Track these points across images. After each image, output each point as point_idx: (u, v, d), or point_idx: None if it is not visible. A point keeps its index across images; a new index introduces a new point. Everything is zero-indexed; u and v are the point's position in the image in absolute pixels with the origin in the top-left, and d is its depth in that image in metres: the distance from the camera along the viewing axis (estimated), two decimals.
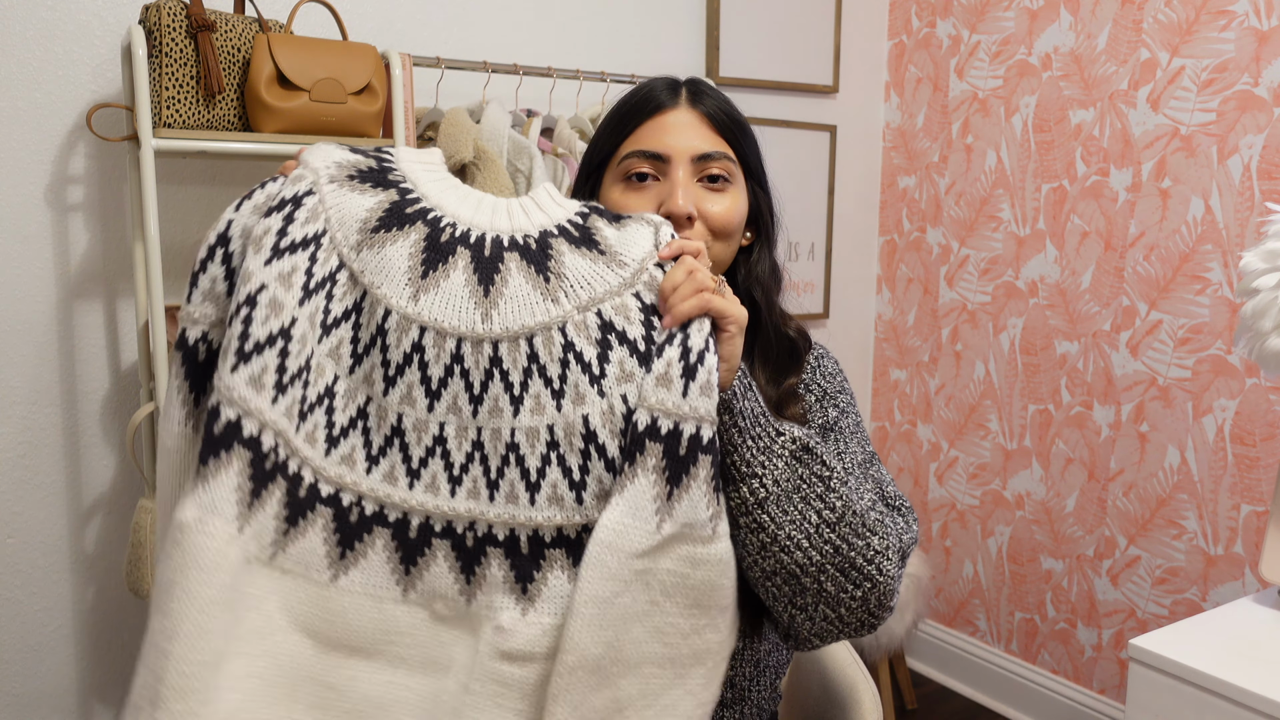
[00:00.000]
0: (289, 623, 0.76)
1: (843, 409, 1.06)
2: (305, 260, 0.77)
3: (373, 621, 0.79)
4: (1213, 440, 1.94)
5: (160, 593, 0.70)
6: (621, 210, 0.97)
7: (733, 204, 0.99)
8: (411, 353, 0.80)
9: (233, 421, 0.71)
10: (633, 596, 0.77)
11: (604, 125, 1.03)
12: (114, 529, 1.71)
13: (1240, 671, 1.18)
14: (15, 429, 1.61)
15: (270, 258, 0.75)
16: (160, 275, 1.40)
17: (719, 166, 0.98)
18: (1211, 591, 1.96)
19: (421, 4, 1.90)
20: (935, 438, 2.55)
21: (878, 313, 2.71)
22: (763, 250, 1.05)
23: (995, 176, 2.34)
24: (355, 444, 0.80)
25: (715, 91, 1.02)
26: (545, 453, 0.79)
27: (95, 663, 1.72)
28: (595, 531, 0.75)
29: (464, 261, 0.81)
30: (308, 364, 0.78)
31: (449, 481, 0.80)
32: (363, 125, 1.53)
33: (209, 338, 0.78)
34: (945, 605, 2.56)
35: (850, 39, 2.53)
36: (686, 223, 0.96)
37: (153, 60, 1.41)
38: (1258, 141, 1.84)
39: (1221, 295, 1.91)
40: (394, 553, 0.79)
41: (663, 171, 0.98)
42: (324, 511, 0.78)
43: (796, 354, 1.05)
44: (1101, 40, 2.08)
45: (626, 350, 0.80)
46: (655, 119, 0.99)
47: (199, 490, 0.70)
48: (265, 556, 0.75)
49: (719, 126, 1.00)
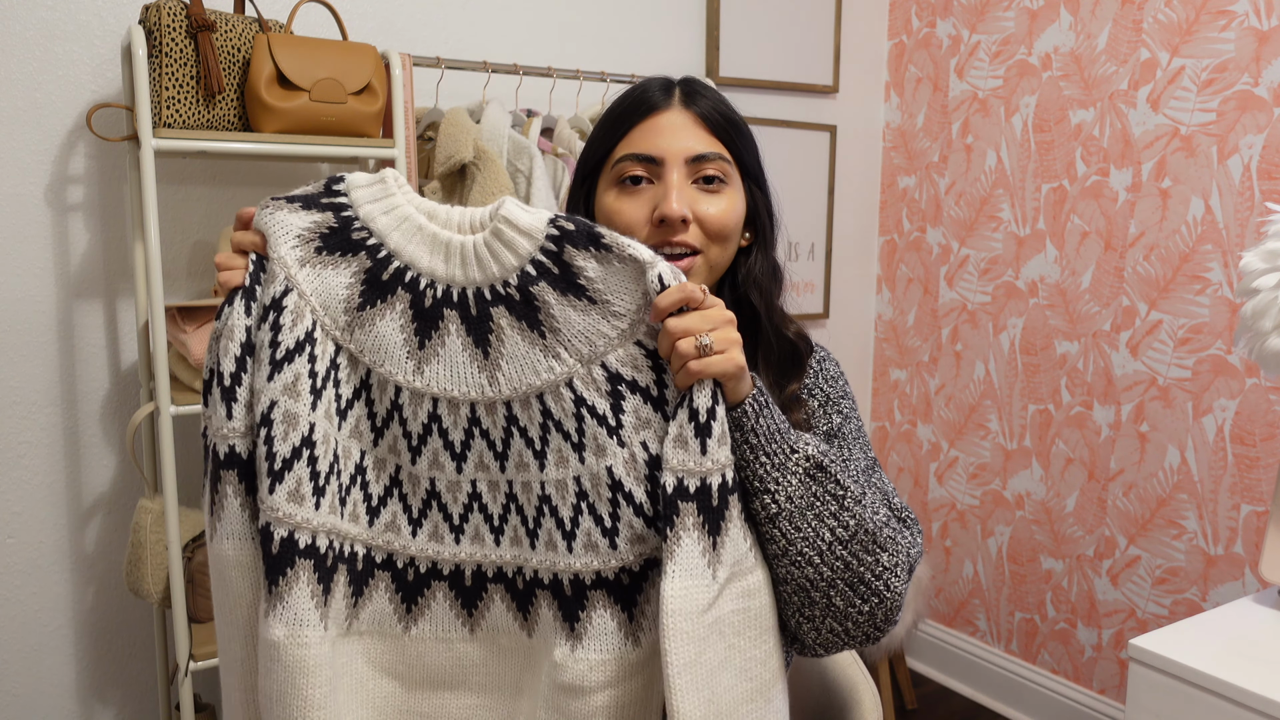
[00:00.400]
0: (376, 672, 0.86)
1: (845, 415, 1.06)
2: (305, 364, 0.79)
3: (448, 660, 0.87)
4: (1213, 440, 1.94)
5: (273, 703, 0.78)
6: (614, 216, 0.96)
7: (729, 205, 0.98)
8: (429, 422, 0.82)
9: (286, 538, 0.78)
10: (713, 649, 0.79)
11: (598, 128, 1.02)
12: (114, 529, 1.71)
13: (1240, 671, 1.17)
14: (15, 429, 1.61)
15: (271, 372, 0.78)
16: (160, 275, 1.40)
17: (714, 168, 0.97)
18: (1211, 591, 1.96)
19: (421, 4, 1.90)
20: (935, 438, 2.55)
21: (878, 313, 2.71)
22: (761, 251, 1.04)
23: (995, 176, 2.34)
24: (395, 510, 0.85)
25: (710, 91, 1.01)
26: (576, 503, 0.81)
27: (95, 663, 1.72)
28: (663, 603, 0.76)
29: (455, 325, 0.81)
30: (335, 455, 0.81)
31: (491, 532, 0.84)
32: (363, 125, 1.53)
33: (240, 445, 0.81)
34: (945, 605, 2.56)
35: (850, 39, 2.53)
36: (681, 225, 0.95)
37: (153, 60, 1.41)
38: (1258, 141, 1.84)
39: (1221, 295, 1.91)
40: (454, 600, 0.86)
41: (656, 174, 0.97)
42: (383, 576, 0.85)
43: (798, 357, 1.05)
44: (1101, 40, 2.08)
45: (640, 398, 0.81)
46: (648, 120, 0.98)
47: (279, 609, 0.78)
48: (344, 629, 0.83)
49: (713, 127, 0.98)
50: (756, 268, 1.03)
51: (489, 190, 1.62)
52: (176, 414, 1.42)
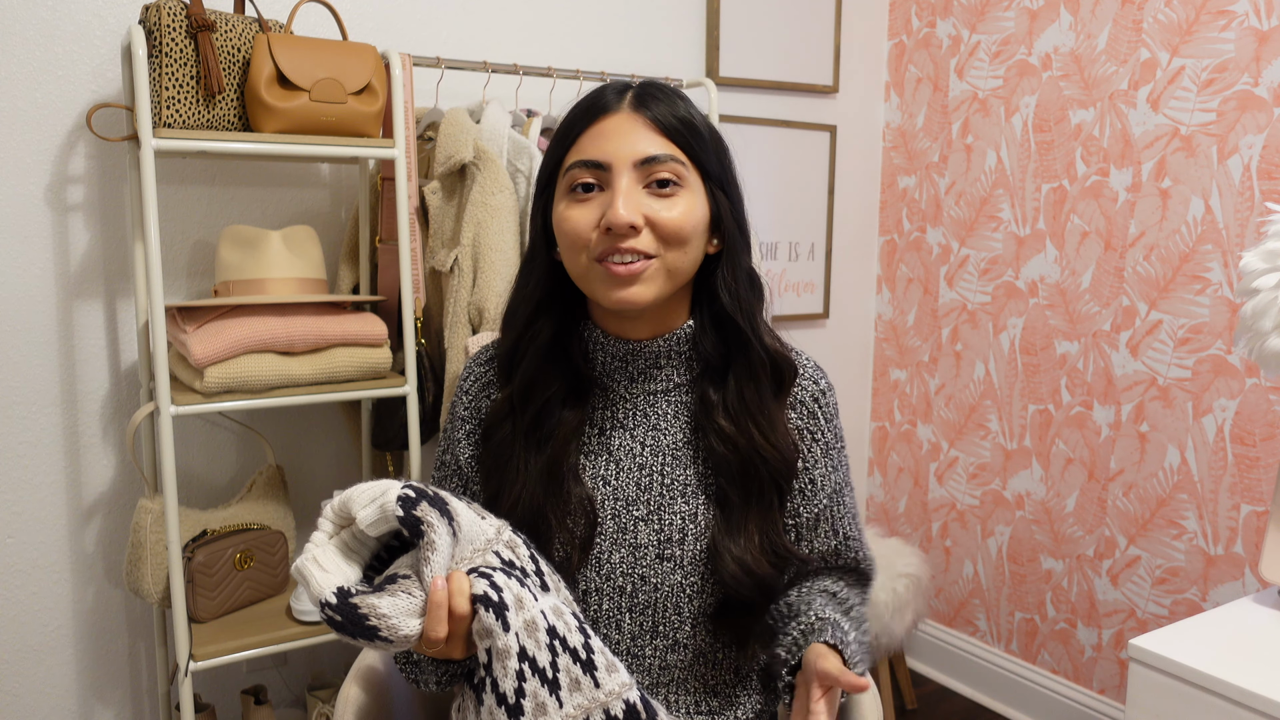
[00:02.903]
0: None
1: (836, 463, 1.09)
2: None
3: None
4: (1213, 440, 1.94)
5: None
6: (563, 225, 0.96)
7: (686, 208, 0.95)
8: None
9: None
10: None
11: (553, 136, 1.01)
12: (114, 529, 1.71)
13: (1240, 671, 1.17)
14: (15, 429, 1.61)
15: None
16: (160, 275, 1.40)
17: (666, 170, 0.94)
18: (1211, 591, 1.97)
19: (421, 4, 1.90)
20: (935, 438, 2.55)
21: (878, 313, 2.71)
22: (729, 261, 1.00)
23: (995, 176, 2.33)
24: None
25: (668, 94, 0.98)
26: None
27: (95, 663, 1.72)
28: None
29: None
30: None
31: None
32: (362, 125, 1.53)
33: None
34: (945, 605, 2.56)
35: (850, 39, 2.53)
36: (630, 232, 0.92)
37: (153, 60, 1.41)
38: (1258, 141, 1.84)
39: (1221, 295, 1.91)
40: None
41: (606, 180, 0.94)
42: None
43: (780, 376, 1.03)
44: (1101, 40, 2.08)
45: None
46: (595, 125, 0.96)
47: None
48: None
49: (665, 129, 0.95)
50: (733, 282, 1.00)
51: (489, 190, 1.62)
52: (176, 414, 1.42)
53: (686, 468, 1.02)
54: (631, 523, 1.01)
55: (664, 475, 1.02)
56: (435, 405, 1.68)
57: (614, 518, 1.01)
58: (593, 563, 1.01)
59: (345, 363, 1.56)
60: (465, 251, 1.62)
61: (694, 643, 1.03)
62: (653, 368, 1.04)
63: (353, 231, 1.78)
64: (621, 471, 1.03)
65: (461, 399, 1.11)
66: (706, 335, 1.03)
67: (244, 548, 1.58)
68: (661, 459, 1.03)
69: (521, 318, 1.04)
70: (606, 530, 1.01)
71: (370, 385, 1.59)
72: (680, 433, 1.04)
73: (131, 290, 1.67)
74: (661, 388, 1.05)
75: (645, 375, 1.04)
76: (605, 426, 1.05)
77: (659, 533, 1.00)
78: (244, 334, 1.46)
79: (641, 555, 1.00)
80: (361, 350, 1.58)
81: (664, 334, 1.03)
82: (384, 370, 1.62)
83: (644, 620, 1.01)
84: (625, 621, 1.01)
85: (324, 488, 1.89)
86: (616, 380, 1.05)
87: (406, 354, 1.62)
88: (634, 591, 1.00)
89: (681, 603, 1.00)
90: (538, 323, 1.03)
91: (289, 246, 1.55)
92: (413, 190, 1.64)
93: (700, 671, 1.04)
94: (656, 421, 1.04)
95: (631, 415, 1.04)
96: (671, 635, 1.02)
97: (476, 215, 1.62)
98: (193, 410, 1.44)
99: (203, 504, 1.77)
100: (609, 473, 1.03)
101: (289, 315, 1.51)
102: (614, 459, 1.03)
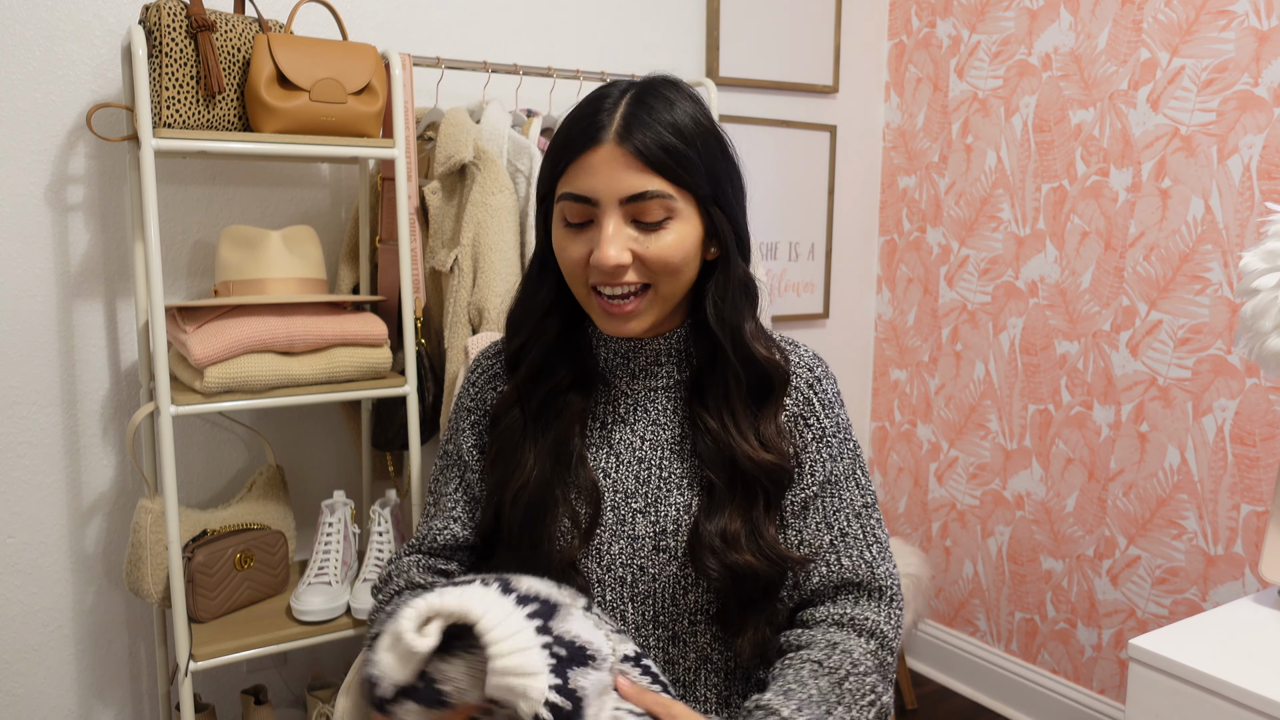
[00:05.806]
0: None
1: (835, 455, 1.06)
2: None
3: None
4: (1213, 440, 1.94)
5: None
6: (560, 253, 0.98)
7: (676, 240, 0.96)
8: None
9: None
10: None
11: (547, 152, 1.01)
12: (114, 529, 1.71)
13: (1240, 671, 1.17)
14: (15, 429, 1.61)
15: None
16: (160, 275, 1.40)
17: (654, 209, 0.94)
18: (1211, 591, 1.96)
19: (421, 4, 1.90)
20: (935, 438, 2.55)
21: (878, 313, 2.71)
22: (723, 271, 1.01)
23: (995, 176, 2.33)
24: None
25: (659, 110, 0.95)
26: None
27: (95, 663, 1.72)
28: None
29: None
30: None
31: None
32: (362, 125, 1.53)
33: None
34: (945, 605, 2.56)
35: (850, 39, 2.53)
36: (619, 270, 0.94)
37: (153, 60, 1.41)
38: (1258, 141, 1.84)
39: (1221, 295, 1.91)
40: None
41: (593, 215, 0.95)
42: None
43: (769, 386, 1.03)
44: (1101, 40, 2.08)
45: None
46: (582, 159, 0.95)
47: None
48: None
49: (651, 162, 0.93)
50: (721, 297, 1.01)
51: (489, 190, 1.62)
52: (176, 414, 1.42)
53: (683, 461, 1.05)
54: (630, 515, 1.03)
55: (661, 469, 1.04)
56: (435, 405, 1.68)
57: (614, 509, 1.04)
58: (594, 554, 1.03)
59: (345, 363, 1.56)
60: (465, 251, 1.62)
61: (695, 641, 1.04)
62: (653, 364, 1.07)
63: (353, 231, 1.78)
64: (622, 465, 1.05)
65: (468, 390, 1.15)
66: (695, 340, 1.07)
67: (244, 548, 1.58)
68: (660, 453, 1.05)
69: (531, 323, 1.07)
70: (607, 522, 1.03)
71: (370, 385, 1.59)
72: (678, 427, 1.06)
73: (131, 290, 1.67)
74: (662, 384, 1.08)
75: (646, 372, 1.08)
76: (607, 420, 1.08)
77: (655, 524, 1.02)
78: (244, 334, 1.46)
79: (640, 547, 1.02)
80: (361, 350, 1.58)
81: (663, 333, 1.07)
82: (384, 370, 1.62)
83: (645, 610, 1.03)
84: (629, 612, 1.03)
85: (324, 488, 1.89)
86: (619, 376, 1.08)
87: (406, 354, 1.62)
88: (634, 582, 1.03)
89: (679, 595, 1.02)
90: (546, 323, 1.07)
91: (289, 246, 1.55)
92: (413, 190, 1.64)
93: (706, 674, 1.05)
94: (656, 417, 1.07)
95: (632, 410, 1.07)
96: (672, 628, 1.03)
97: (476, 215, 1.62)
98: (193, 410, 1.44)
99: (203, 504, 1.77)
100: (609, 465, 1.05)
101: (289, 315, 1.51)
102: (615, 452, 1.06)
